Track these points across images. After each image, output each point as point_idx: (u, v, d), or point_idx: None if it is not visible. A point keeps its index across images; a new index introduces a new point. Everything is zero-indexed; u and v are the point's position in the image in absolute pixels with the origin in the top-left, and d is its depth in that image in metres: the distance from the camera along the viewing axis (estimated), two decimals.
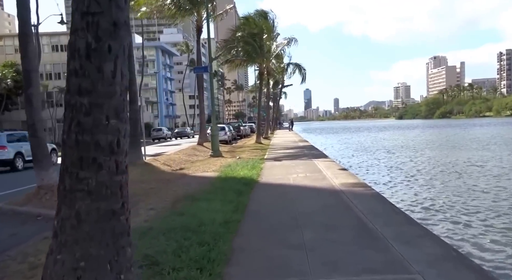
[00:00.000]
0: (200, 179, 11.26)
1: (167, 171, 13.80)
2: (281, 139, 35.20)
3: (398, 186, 14.57)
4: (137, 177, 11.51)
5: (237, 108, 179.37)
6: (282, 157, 16.92)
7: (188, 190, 9.18)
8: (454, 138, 43.66)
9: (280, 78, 49.87)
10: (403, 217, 6.07)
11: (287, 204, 7.33)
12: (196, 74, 23.21)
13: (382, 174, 17.90)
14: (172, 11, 22.43)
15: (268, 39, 29.53)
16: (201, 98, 23.85)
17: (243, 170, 12.16)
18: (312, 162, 14.13)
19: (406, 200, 11.96)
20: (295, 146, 24.40)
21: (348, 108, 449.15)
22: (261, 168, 12.89)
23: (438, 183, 14.79)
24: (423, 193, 13.04)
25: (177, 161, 17.19)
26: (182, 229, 5.39)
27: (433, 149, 30.00)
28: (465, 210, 10.46)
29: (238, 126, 46.32)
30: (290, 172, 11.84)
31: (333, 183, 9.40)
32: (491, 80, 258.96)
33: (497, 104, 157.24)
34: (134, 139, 13.59)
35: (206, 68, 18.49)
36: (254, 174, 11.32)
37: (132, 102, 13.37)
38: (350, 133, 71.38)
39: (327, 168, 12.31)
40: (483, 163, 20.10)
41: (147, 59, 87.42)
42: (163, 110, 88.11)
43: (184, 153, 20.55)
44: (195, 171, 13.58)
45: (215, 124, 19.31)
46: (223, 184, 9.59)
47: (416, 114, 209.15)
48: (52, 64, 46.48)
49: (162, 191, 9.33)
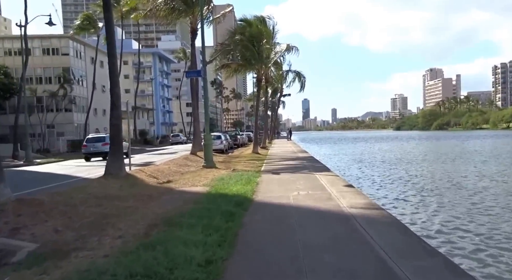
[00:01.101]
0: (187, 196, 9.83)
1: (152, 184, 12.35)
2: (280, 149, 33.79)
3: (416, 207, 12.95)
4: (115, 192, 10.08)
5: (235, 116, 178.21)
6: (281, 170, 15.50)
7: (170, 211, 7.75)
8: (461, 149, 42.42)
9: (278, 87, 48.68)
10: (441, 262, 4.64)
11: (287, 234, 5.91)
12: (190, 79, 21.89)
13: (393, 191, 16.34)
14: (165, 12, 21.18)
15: (267, 44, 28.29)
16: (195, 104, 22.49)
17: (237, 185, 10.74)
18: (314, 176, 12.72)
19: (433, 229, 10.20)
20: (294, 157, 22.98)
21: (346, 119, 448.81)
22: (256, 183, 11.48)
23: (465, 207, 13.08)
24: (455, 220, 11.08)
25: (165, 172, 15.76)
26: (146, 276, 3.97)
27: (446, 162, 28.58)
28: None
29: (235, 135, 44.98)
30: (290, 188, 10.42)
31: (340, 204, 7.99)
32: (486, 93, 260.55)
33: (494, 116, 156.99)
34: (115, 147, 12.16)
35: (199, 72, 17.14)
36: (249, 191, 9.90)
37: (114, 106, 11.97)
38: (350, 143, 70.09)
39: (331, 184, 10.90)
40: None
41: (143, 65, 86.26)
42: (159, 117, 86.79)
43: (174, 163, 19.12)
44: (184, 184, 12.15)
45: (209, 132, 17.90)
46: (211, 203, 8.17)
47: (413, 126, 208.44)
48: (42, 68, 45.03)
49: (138, 211, 7.90)
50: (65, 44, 47.52)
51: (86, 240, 6.14)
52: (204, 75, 17.16)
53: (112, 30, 12.15)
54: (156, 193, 10.36)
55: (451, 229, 10.21)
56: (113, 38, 12.17)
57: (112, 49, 11.98)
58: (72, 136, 46.56)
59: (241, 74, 29.92)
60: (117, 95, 11.94)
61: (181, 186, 11.89)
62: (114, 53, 12.08)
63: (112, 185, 10.81)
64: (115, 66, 12.03)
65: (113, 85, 11.92)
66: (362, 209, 7.40)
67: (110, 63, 12.00)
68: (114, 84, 11.90)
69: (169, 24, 23.79)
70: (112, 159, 12.02)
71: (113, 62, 12.02)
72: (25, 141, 31.10)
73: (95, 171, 17.06)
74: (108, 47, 12.07)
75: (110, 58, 12.00)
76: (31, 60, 39.80)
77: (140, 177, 13.23)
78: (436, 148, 48.26)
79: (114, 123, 11.99)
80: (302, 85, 34.72)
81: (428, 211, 12.47)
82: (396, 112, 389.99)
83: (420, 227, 10.39)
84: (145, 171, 15.02)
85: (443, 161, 29.46)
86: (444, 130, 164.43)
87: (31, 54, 41.59)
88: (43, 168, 22.65)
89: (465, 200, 14.04)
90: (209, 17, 24.60)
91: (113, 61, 12.02)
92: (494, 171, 22.25)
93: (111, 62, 12.02)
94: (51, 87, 43.06)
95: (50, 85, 43.85)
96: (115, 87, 11.87)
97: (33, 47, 43.98)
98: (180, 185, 12.02)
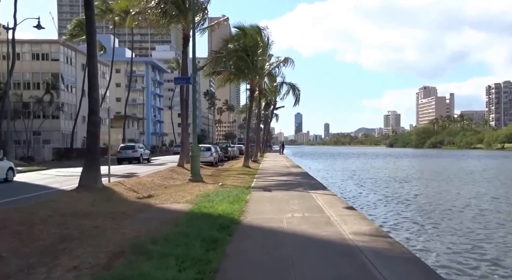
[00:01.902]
0: (166, 215, 8.69)
1: (130, 199, 11.16)
2: (272, 163, 32.69)
3: (428, 234, 11.35)
4: (85, 208, 8.88)
5: (228, 128, 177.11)
6: (273, 186, 14.38)
7: (142, 234, 6.60)
8: (461, 167, 41.62)
9: (272, 99, 47.80)
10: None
11: (280, 273, 4.78)
12: (180, 87, 20.85)
13: (402, 214, 14.71)
14: (156, 17, 20.24)
15: (262, 54, 27.41)
16: (183, 114, 21.39)
17: (223, 203, 9.61)
18: (310, 195, 11.61)
19: (452, 264, 8.48)
20: (287, 173, 21.88)
21: (339, 134, 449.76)
22: (245, 201, 10.35)
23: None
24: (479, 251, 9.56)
25: (147, 185, 14.57)
26: None
27: (448, 182, 27.46)
28: None
29: (225, 147, 43.84)
30: (283, 208, 9.31)
31: (342, 231, 6.89)
32: (479, 112, 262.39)
33: (489, 136, 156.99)
34: (91, 157, 10.97)
35: (188, 79, 16.09)
36: (236, 211, 8.78)
37: (92, 112, 10.83)
38: (345, 159, 69.01)
39: (330, 205, 9.81)
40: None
41: (136, 74, 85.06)
42: (150, 127, 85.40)
43: (159, 176, 17.93)
44: (165, 200, 10.99)
45: (197, 143, 16.79)
46: (192, 225, 7.04)
47: (406, 143, 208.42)
48: (31, 73, 43.72)
49: (106, 233, 6.72)
50: (56, 49, 46.44)
51: (32, 271, 4.98)
52: (193, 82, 16.13)
53: (93, 29, 11.10)
54: (132, 210, 9.18)
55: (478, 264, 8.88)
56: (94, 38, 11.11)
57: (93, 50, 10.92)
58: (58, 144, 45.07)
59: (234, 83, 28.97)
60: (95, 99, 10.83)
61: (162, 202, 10.73)
62: (94, 54, 11.00)
63: (83, 200, 9.62)
64: (95, 67, 10.93)
65: (92, 89, 10.81)
66: (368, 238, 6.31)
67: (90, 65, 10.93)
68: (93, 87, 10.78)
69: (161, 29, 22.74)
70: (86, 169, 10.84)
71: (93, 63, 10.92)
72: (7, 148, 29.70)
73: (75, 182, 15.78)
74: (89, 47, 11.00)
75: (90, 59, 10.93)
76: (20, 64, 38.50)
77: (118, 191, 12.03)
78: (444, 167, 47.48)
79: (91, 130, 10.85)
80: (297, 98, 33.80)
81: (444, 240, 10.95)
82: (389, 128, 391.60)
83: (439, 262, 8.69)
84: (125, 183, 13.80)
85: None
86: (438, 149, 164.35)
87: (20, 59, 40.32)
88: (21, 177, 21.23)
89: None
90: (203, 24, 23.72)
91: (94, 62, 10.93)
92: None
93: (91, 63, 10.94)
94: (39, 93, 41.70)
95: (38, 91, 42.49)
96: (93, 91, 10.75)
97: (23, 52, 42.75)
98: (161, 201, 10.86)
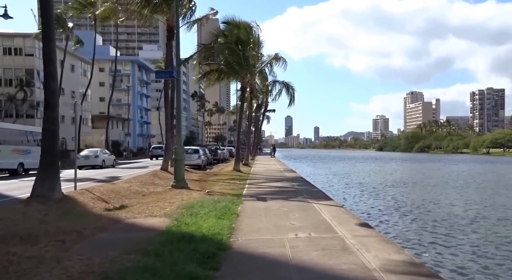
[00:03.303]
0: (135, 234, 6.82)
1: (95, 212, 9.21)
2: (264, 166, 30.85)
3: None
4: (31, 226, 6.94)
5: (218, 131, 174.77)
6: (267, 194, 12.55)
7: (92, 268, 4.71)
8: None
9: (264, 100, 45.97)
10: None
11: None
12: (164, 83, 18.92)
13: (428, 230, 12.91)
14: (138, 7, 18.34)
15: (253, 50, 25.61)
16: (167, 113, 19.45)
17: (209, 219, 7.77)
18: (311, 206, 9.80)
19: None
20: (281, 178, 20.03)
21: (328, 137, 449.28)
22: (236, 214, 8.51)
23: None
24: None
25: (122, 193, 12.61)
26: None
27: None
28: None
29: (215, 149, 41.83)
30: (283, 225, 7.49)
31: (366, 262, 5.08)
32: (464, 118, 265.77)
33: (475, 141, 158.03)
34: (48, 160, 8.99)
35: (171, 73, 14.18)
36: (225, 228, 6.94)
37: (49, 106, 8.88)
38: (338, 162, 67.36)
39: (339, 220, 8.00)
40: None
41: (121, 73, 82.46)
42: (136, 128, 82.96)
43: (139, 181, 15.95)
44: (139, 213, 9.10)
45: (181, 145, 14.89)
46: (164, 253, 5.17)
47: (395, 147, 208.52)
48: (2, 68, 41.11)
49: (40, 269, 4.77)
50: (30, 44, 43.40)
51: None
52: (177, 76, 14.24)
53: (50, 5, 9.14)
54: (92, 228, 7.25)
55: None
56: (51, 17, 9.14)
57: (48, 32, 8.94)
58: None
59: (224, 82, 27.09)
60: (53, 91, 8.87)
61: (135, 215, 8.83)
62: (51, 36, 8.99)
63: (31, 214, 7.66)
64: (52, 52, 8.95)
65: (49, 78, 8.84)
66: (409, 279, 4.50)
67: (46, 49, 8.96)
68: (50, 76, 8.82)
69: (144, 21, 20.79)
70: (41, 175, 8.86)
71: (50, 47, 8.94)
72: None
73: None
74: (44, 28, 9.06)
75: (46, 42, 8.95)
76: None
77: (82, 201, 10.06)
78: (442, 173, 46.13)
79: (48, 128, 8.88)
80: (292, 98, 31.86)
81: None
82: (378, 132, 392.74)
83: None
84: (95, 191, 11.81)
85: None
86: (426, 153, 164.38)
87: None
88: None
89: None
90: (190, 17, 21.83)
91: (50, 46, 8.94)
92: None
93: (47, 47, 8.95)
94: (12, 90, 39.16)
95: (10, 88, 39.87)
96: (50, 80, 8.79)
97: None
98: (134, 214, 8.96)
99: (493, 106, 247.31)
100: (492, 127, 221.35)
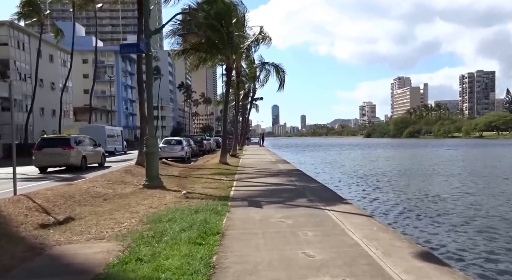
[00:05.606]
0: None
1: (21, 230, 6.41)
2: (253, 157, 28.11)
3: None
4: None
5: (205, 121, 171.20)
6: (262, 196, 9.85)
7: None
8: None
9: (251, 88, 42.99)
10: None
11: None
12: (136, 64, 15.98)
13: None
14: None
15: (238, 29, 22.69)
16: (141, 100, 16.51)
17: (179, 246, 5.07)
18: (327, 217, 7.09)
19: None
20: (275, 171, 17.28)
21: (315, 125, 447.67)
22: (220, 235, 5.79)
23: None
24: None
25: (76, 197, 9.80)
26: None
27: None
28: None
29: (200, 140, 38.94)
30: (294, 259, 4.76)
31: None
32: (453, 102, 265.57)
33: (467, 125, 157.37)
34: None
35: (138, 46, 11.25)
36: (201, 268, 4.23)
37: None
38: (329, 150, 64.75)
39: (381, 247, 5.28)
40: None
41: (105, 64, 79.13)
42: (121, 120, 79.67)
43: (106, 180, 13.13)
44: (84, 230, 6.38)
45: (154, 135, 12.07)
46: None
47: (384, 133, 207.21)
48: None
49: None
50: (4, 32, 41.13)
51: None
52: (146, 49, 11.35)
53: None
54: None
55: None
56: None
57: None
58: (10, 139, 39.19)
59: (209, 64, 24.13)
60: None
61: (74, 236, 6.08)
62: None
63: None
64: None
65: None
66: None
67: None
68: None
69: None
70: None
71: None
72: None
73: (10, 186, 10.81)
74: None
75: None
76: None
77: (13, 212, 7.24)
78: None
79: None
80: (282, 81, 28.98)
81: None
82: (365, 119, 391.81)
83: None
84: (38, 197, 8.93)
85: None
86: (416, 138, 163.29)
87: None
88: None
89: None
90: None
91: None
92: None
93: None
94: None
95: None
96: None
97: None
98: (74, 234, 6.21)
99: (483, 89, 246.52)
100: (482, 110, 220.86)
